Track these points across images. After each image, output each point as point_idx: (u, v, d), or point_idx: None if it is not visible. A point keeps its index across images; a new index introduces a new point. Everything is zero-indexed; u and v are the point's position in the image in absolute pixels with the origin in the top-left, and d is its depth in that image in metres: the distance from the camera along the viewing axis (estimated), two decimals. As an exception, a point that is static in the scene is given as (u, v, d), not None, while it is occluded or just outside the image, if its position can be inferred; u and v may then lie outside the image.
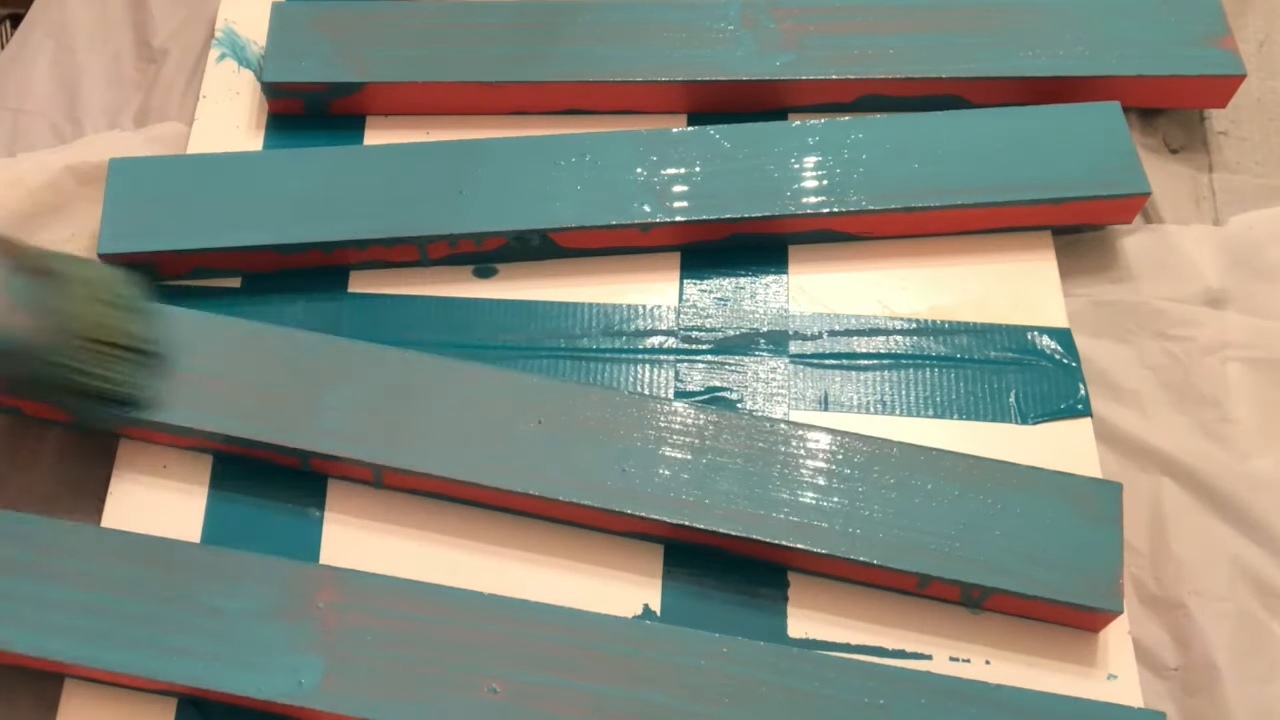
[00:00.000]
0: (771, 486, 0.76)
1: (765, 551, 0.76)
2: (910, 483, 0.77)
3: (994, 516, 0.76)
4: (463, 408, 0.78)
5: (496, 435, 0.77)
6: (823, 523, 0.75)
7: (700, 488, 0.76)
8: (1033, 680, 0.74)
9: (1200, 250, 0.91)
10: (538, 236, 0.87)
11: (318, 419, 0.78)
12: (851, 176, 0.88)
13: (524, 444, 0.77)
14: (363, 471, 0.78)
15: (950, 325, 0.87)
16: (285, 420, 0.78)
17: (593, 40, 0.95)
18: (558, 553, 0.78)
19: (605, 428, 0.78)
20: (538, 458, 0.77)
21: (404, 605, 0.73)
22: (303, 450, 0.77)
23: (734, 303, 0.88)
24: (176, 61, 0.99)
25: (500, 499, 0.77)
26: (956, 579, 0.74)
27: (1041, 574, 0.74)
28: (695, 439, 0.78)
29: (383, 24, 0.95)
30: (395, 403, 0.79)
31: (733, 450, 0.77)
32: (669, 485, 0.76)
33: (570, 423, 0.78)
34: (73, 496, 0.81)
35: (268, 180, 0.87)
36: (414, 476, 0.77)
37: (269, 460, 0.79)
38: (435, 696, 0.70)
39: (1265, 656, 0.76)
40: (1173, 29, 0.95)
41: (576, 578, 0.77)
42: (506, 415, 0.78)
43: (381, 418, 0.78)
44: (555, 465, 0.77)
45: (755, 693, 0.71)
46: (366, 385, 0.79)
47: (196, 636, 0.71)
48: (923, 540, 0.75)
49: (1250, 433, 0.84)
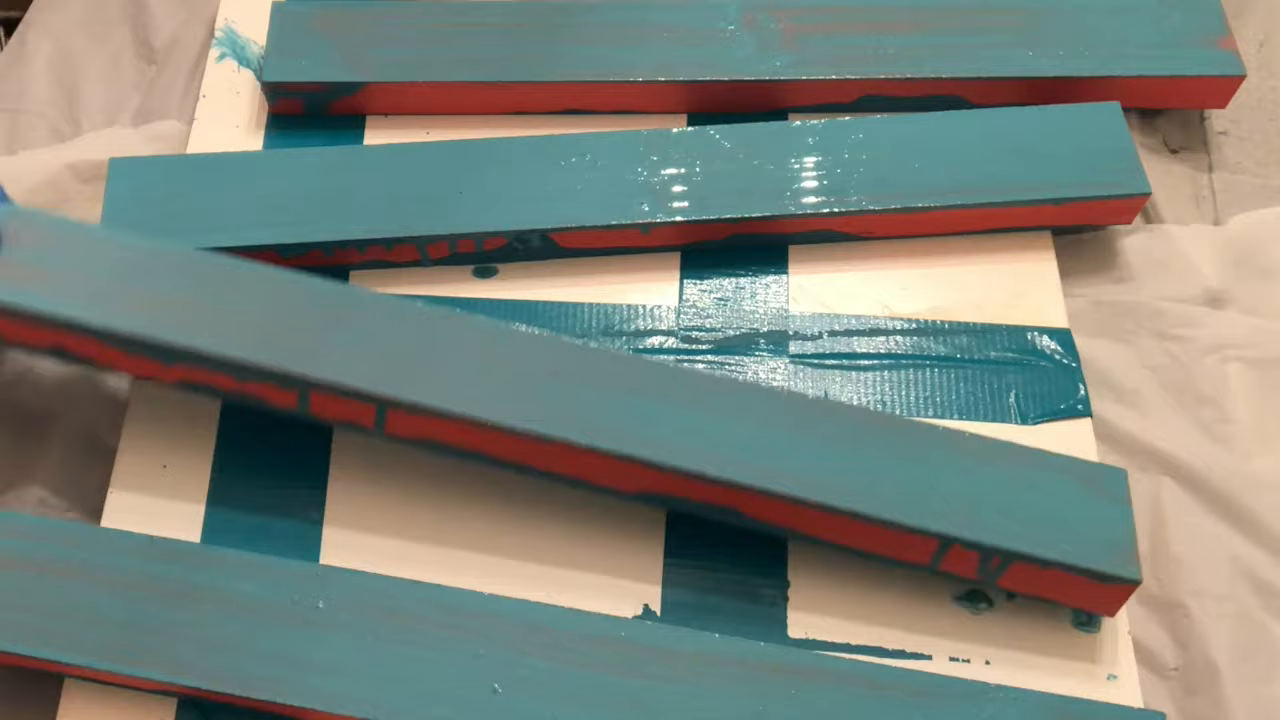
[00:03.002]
0: (788, 446, 0.75)
1: (775, 511, 0.75)
2: (927, 455, 0.76)
3: (1009, 489, 0.75)
4: (474, 355, 0.76)
5: (509, 380, 0.75)
6: (836, 482, 0.74)
7: (714, 443, 0.75)
8: (1033, 680, 0.74)
9: (1200, 250, 0.91)
10: (538, 236, 0.87)
11: (320, 354, 0.75)
12: (851, 176, 0.88)
13: (537, 390, 0.75)
14: (365, 411, 0.75)
15: (950, 325, 0.87)
16: (286, 354, 0.75)
17: (593, 40, 0.95)
18: (558, 553, 0.78)
19: (621, 384, 0.76)
20: (551, 402, 0.75)
21: (404, 605, 0.73)
22: (304, 379, 0.74)
23: (734, 303, 0.88)
24: (176, 61, 0.99)
25: (509, 446, 0.75)
26: (976, 541, 0.73)
27: (1061, 541, 0.74)
28: (712, 399, 0.77)
29: (383, 24, 0.95)
30: (403, 345, 0.76)
31: (748, 412, 0.76)
32: (683, 437, 0.75)
33: (586, 375, 0.76)
34: (73, 496, 0.81)
35: (268, 180, 0.87)
36: (420, 415, 0.74)
37: (265, 400, 0.76)
38: (435, 696, 0.70)
39: (1265, 656, 0.76)
40: (1173, 29, 0.95)
41: (576, 578, 0.77)
42: (520, 365, 0.76)
43: (387, 357, 0.75)
44: (569, 409, 0.75)
45: (755, 692, 0.71)
46: (373, 327, 0.76)
47: (196, 637, 0.71)
48: (941, 505, 0.74)
49: (1250, 433, 0.84)
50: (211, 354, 0.74)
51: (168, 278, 0.77)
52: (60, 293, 0.74)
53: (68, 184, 0.91)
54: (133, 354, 0.75)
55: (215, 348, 0.74)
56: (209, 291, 0.76)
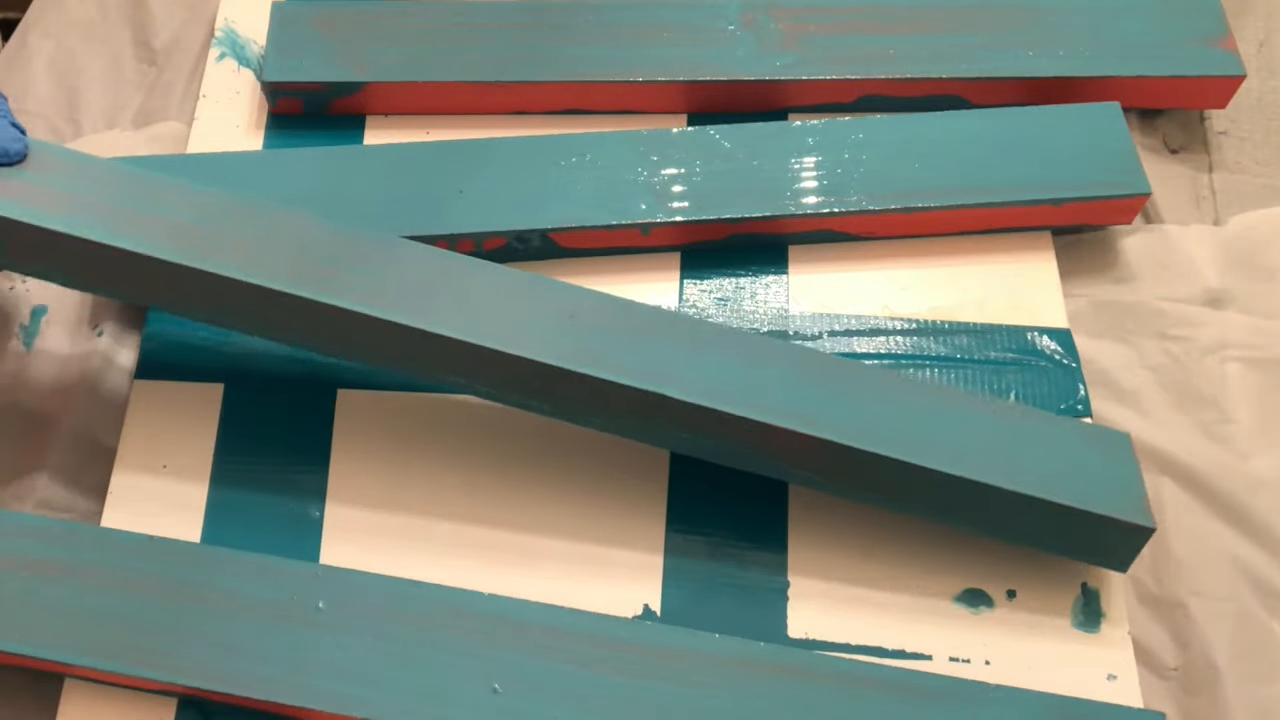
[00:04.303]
0: (792, 382, 0.76)
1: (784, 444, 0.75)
2: (932, 406, 0.77)
3: (1017, 442, 0.76)
4: (492, 296, 0.76)
5: (528, 319, 0.75)
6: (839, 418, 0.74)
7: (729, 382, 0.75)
8: (1033, 680, 0.74)
9: (1200, 250, 0.91)
10: (538, 236, 0.87)
11: (341, 281, 0.74)
12: (851, 176, 0.88)
13: (558, 330, 0.75)
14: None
15: (950, 326, 0.87)
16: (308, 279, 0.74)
17: (593, 40, 0.95)
18: (558, 553, 0.78)
19: (640, 327, 0.76)
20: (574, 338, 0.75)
21: (404, 605, 0.73)
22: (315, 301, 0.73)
23: (734, 303, 0.88)
24: (176, 61, 0.99)
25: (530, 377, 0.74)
26: (984, 480, 0.73)
27: (1075, 487, 0.74)
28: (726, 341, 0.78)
29: (383, 24, 0.95)
30: (419, 286, 0.76)
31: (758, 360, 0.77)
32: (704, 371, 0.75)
33: (603, 321, 0.76)
34: (73, 496, 0.81)
35: (268, 180, 0.87)
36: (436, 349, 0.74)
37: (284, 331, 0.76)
38: (435, 696, 0.70)
39: (1265, 656, 0.76)
40: (1173, 29, 0.95)
41: (577, 577, 0.77)
42: (539, 308, 0.76)
43: (405, 290, 0.75)
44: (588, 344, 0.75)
45: (755, 693, 0.71)
46: (389, 269, 0.76)
47: (196, 636, 0.71)
48: (954, 443, 0.75)
49: (1250, 433, 0.84)
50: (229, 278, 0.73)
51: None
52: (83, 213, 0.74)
53: None
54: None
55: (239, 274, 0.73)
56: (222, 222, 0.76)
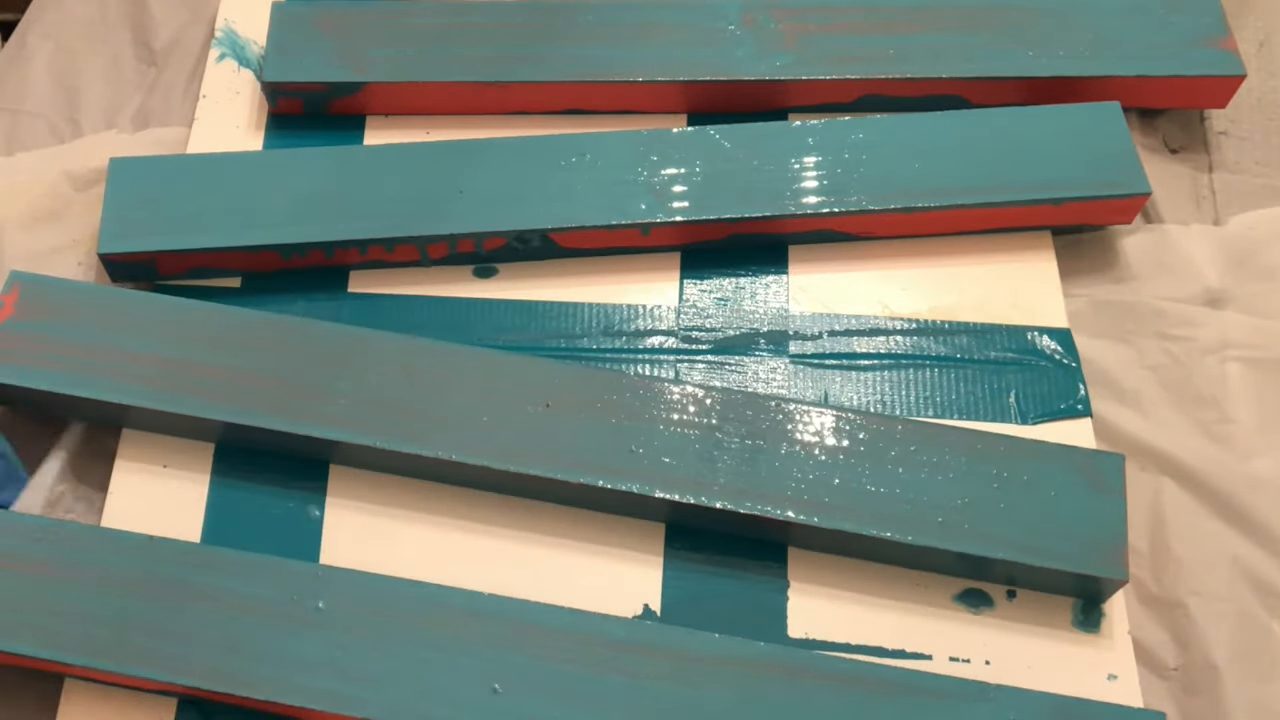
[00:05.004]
0: (777, 463, 0.77)
1: (767, 526, 0.76)
2: (916, 458, 0.77)
3: (999, 490, 0.76)
4: (470, 391, 0.78)
5: (504, 418, 0.77)
6: (827, 498, 0.76)
7: (705, 465, 0.76)
8: (1033, 680, 0.74)
9: (1200, 250, 0.91)
10: (538, 236, 0.87)
11: (322, 405, 0.77)
12: (851, 176, 0.88)
13: (532, 426, 0.77)
14: (369, 457, 0.78)
15: (950, 325, 0.87)
16: (289, 407, 0.77)
17: (593, 40, 0.95)
18: (558, 553, 0.78)
19: (612, 409, 0.78)
20: (546, 439, 0.77)
21: (404, 605, 0.73)
22: (307, 437, 0.77)
23: (734, 303, 0.88)
24: (176, 61, 0.99)
25: (508, 480, 0.77)
26: (963, 549, 0.75)
27: (1046, 545, 0.75)
28: (700, 418, 0.78)
29: (383, 24, 0.95)
30: (400, 387, 0.78)
31: (737, 428, 0.78)
32: (674, 463, 0.76)
33: (578, 405, 0.78)
34: (73, 496, 0.81)
35: (268, 180, 0.87)
36: (419, 462, 0.77)
37: (270, 446, 0.79)
38: (435, 696, 0.70)
39: (1265, 656, 0.76)
40: (1173, 29, 0.95)
41: (577, 578, 0.77)
42: (514, 398, 0.78)
43: (387, 402, 0.78)
44: (563, 446, 0.77)
45: (755, 693, 0.71)
46: (370, 370, 0.79)
47: (196, 637, 0.71)
48: (927, 514, 0.75)
49: (1250, 433, 0.84)
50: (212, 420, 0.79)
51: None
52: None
53: (65, 193, 0.91)
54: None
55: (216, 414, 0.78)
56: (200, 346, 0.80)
